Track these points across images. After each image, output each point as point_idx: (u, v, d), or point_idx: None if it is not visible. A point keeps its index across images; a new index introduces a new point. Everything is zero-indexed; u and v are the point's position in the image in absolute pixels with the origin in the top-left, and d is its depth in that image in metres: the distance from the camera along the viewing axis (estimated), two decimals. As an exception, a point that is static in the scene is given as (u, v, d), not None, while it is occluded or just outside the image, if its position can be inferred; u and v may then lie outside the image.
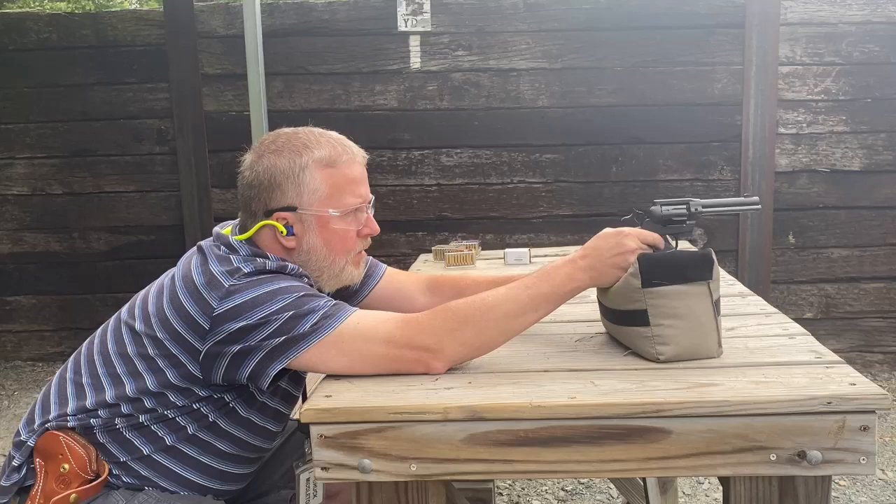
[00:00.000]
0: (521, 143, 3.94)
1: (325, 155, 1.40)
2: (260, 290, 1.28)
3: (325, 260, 1.42)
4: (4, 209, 4.17)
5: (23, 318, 4.26)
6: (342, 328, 1.27)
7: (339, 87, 3.92)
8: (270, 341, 1.26)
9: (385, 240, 3.97)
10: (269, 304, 1.27)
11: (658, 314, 1.24)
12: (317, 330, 1.26)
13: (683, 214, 1.36)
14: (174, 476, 1.39)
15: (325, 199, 1.39)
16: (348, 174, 1.41)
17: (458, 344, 1.27)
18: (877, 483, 2.78)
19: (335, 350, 1.27)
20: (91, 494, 1.35)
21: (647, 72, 3.86)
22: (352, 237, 1.43)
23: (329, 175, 1.40)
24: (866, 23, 3.79)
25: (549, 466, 1.12)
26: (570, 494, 2.78)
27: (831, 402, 1.06)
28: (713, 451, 1.08)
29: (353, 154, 1.44)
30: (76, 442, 1.35)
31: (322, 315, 1.27)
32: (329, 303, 1.30)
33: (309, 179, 1.39)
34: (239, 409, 1.40)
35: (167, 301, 1.34)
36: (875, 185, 3.88)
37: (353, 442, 1.13)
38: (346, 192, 1.41)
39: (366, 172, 1.47)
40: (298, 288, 1.31)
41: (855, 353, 3.94)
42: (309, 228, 1.40)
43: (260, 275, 1.31)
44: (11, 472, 1.39)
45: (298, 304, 1.28)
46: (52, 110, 4.08)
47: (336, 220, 1.40)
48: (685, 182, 3.92)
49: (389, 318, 1.31)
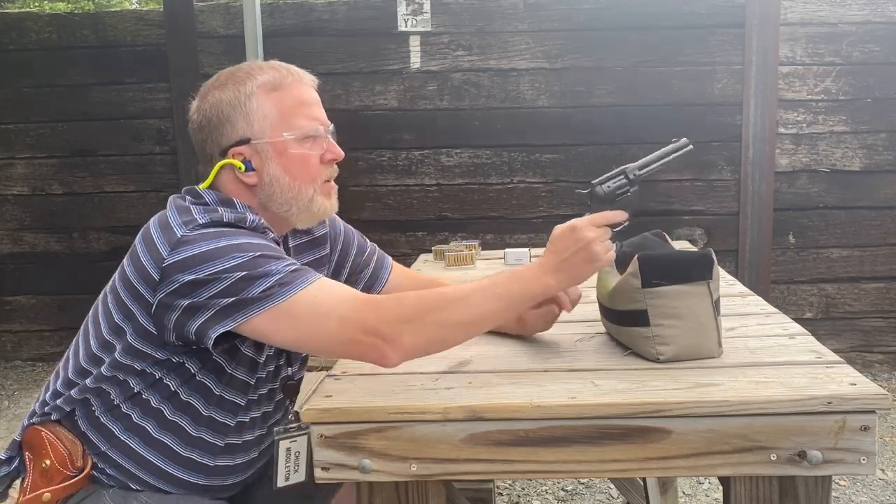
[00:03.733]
0: (521, 143, 3.94)
1: (269, 79, 1.35)
2: (213, 243, 1.21)
3: (290, 190, 1.34)
4: (4, 209, 4.17)
5: (23, 318, 4.26)
6: (297, 298, 1.19)
7: (339, 87, 3.92)
8: (218, 301, 1.19)
9: (385, 240, 3.97)
10: (221, 261, 1.19)
11: (658, 314, 1.24)
12: (269, 296, 1.18)
13: (625, 185, 1.35)
14: (150, 466, 1.33)
15: (277, 125, 1.33)
16: (297, 96, 1.36)
17: (416, 335, 1.18)
18: (877, 483, 2.78)
19: (286, 321, 1.19)
20: (68, 492, 1.31)
21: (647, 72, 3.86)
22: (314, 163, 1.36)
23: (277, 99, 1.34)
24: (866, 23, 3.79)
25: (549, 466, 1.12)
26: (570, 494, 2.78)
27: (831, 402, 1.06)
28: (713, 451, 1.08)
29: (300, 76, 1.38)
30: (59, 437, 1.32)
31: (277, 280, 1.19)
32: (288, 267, 1.21)
33: (257, 107, 1.33)
34: (204, 379, 1.32)
35: (127, 256, 1.29)
36: (875, 185, 3.88)
37: (353, 442, 1.13)
38: (298, 114, 1.35)
39: (318, 97, 1.40)
40: (256, 246, 1.22)
41: (855, 353, 3.94)
42: (267, 159, 1.33)
43: (216, 227, 1.24)
44: (0, 464, 1.38)
45: (252, 265, 1.19)
46: (52, 110, 4.08)
47: (293, 145, 1.34)
48: (685, 182, 3.92)
49: (350, 297, 1.22)
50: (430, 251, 2.51)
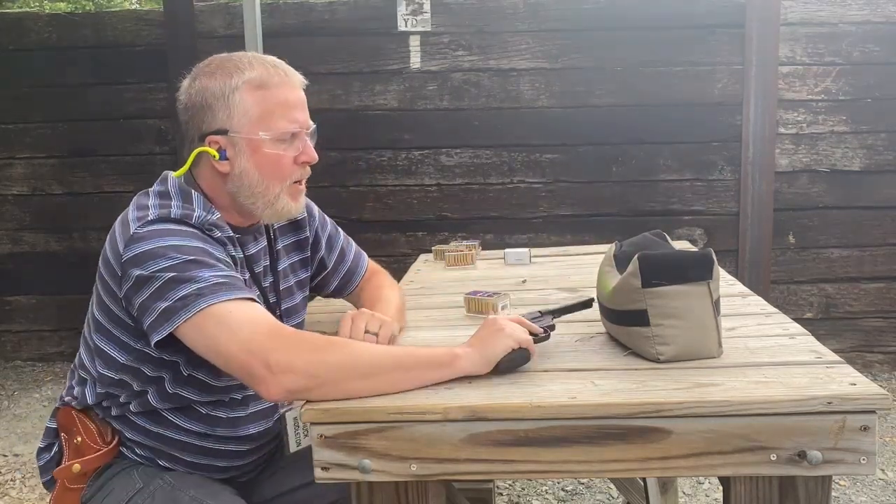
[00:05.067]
0: (521, 143, 3.94)
1: (255, 76, 1.38)
2: (157, 242, 1.26)
3: (258, 185, 1.38)
4: (4, 209, 4.17)
5: (23, 318, 4.26)
6: (211, 311, 1.21)
7: (339, 87, 3.92)
8: (156, 305, 1.24)
9: (385, 240, 3.97)
10: (161, 260, 1.24)
11: (658, 314, 1.24)
12: (186, 306, 1.22)
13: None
14: (169, 453, 1.42)
15: (255, 122, 1.37)
16: (280, 96, 1.38)
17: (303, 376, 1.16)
18: (877, 483, 2.79)
19: (200, 331, 1.22)
20: (97, 464, 1.39)
21: (647, 72, 3.86)
22: (286, 163, 1.39)
23: (260, 97, 1.37)
24: (866, 23, 3.79)
25: (549, 466, 1.12)
26: (570, 494, 2.78)
27: (832, 402, 1.05)
28: (713, 452, 1.08)
29: (287, 76, 1.41)
30: (89, 417, 1.42)
31: (197, 289, 1.22)
32: (214, 276, 1.24)
33: (239, 101, 1.36)
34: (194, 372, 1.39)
35: (101, 254, 1.36)
36: (875, 185, 3.88)
37: (353, 442, 1.13)
38: (278, 115, 1.37)
39: (303, 98, 1.43)
40: (192, 250, 1.26)
41: (855, 353, 3.93)
42: (241, 152, 1.37)
43: (163, 223, 1.29)
44: (41, 452, 1.49)
45: (182, 269, 1.24)
46: (52, 110, 4.08)
47: (267, 144, 1.37)
48: (685, 182, 3.92)
49: (262, 322, 1.22)
50: (430, 251, 2.51)
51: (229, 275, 1.27)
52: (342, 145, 3.93)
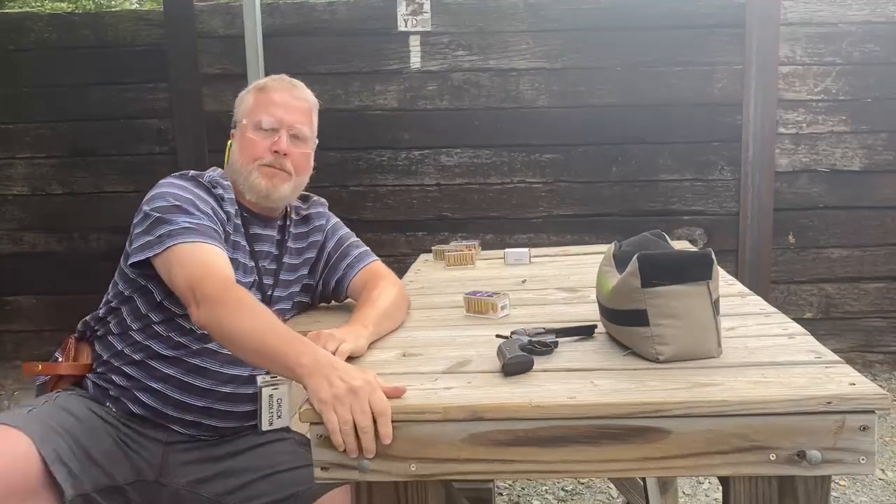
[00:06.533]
0: (521, 143, 3.94)
1: (263, 84, 1.73)
2: (162, 188, 1.56)
3: (237, 162, 1.67)
4: (4, 209, 4.17)
5: (23, 318, 4.26)
6: (176, 249, 1.46)
7: (339, 87, 3.92)
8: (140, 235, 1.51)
9: (385, 240, 3.97)
10: (156, 200, 1.53)
11: (657, 314, 1.24)
12: (161, 241, 1.48)
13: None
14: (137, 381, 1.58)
15: (246, 113, 1.68)
16: (271, 97, 1.68)
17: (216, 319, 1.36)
18: (877, 483, 2.79)
19: (167, 266, 1.47)
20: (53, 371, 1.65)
21: (647, 72, 3.86)
22: (261, 146, 1.64)
23: (257, 97, 1.70)
24: (866, 23, 3.79)
25: (548, 466, 1.12)
26: (570, 494, 2.78)
27: (831, 401, 1.05)
28: (712, 451, 1.08)
29: (289, 87, 1.71)
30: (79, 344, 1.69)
31: (167, 231, 1.48)
32: (187, 222, 1.49)
33: (244, 100, 1.72)
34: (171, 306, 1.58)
35: None
36: (875, 185, 3.88)
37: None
38: (263, 110, 1.66)
39: (297, 105, 1.69)
40: (182, 198, 1.53)
41: (855, 353, 3.94)
42: (236, 137, 1.70)
43: (177, 178, 1.60)
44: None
45: (166, 210, 1.51)
46: (52, 110, 4.08)
47: (247, 129, 1.66)
48: (685, 182, 3.92)
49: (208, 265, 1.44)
50: (430, 251, 2.51)
51: (201, 223, 1.51)
52: (342, 145, 3.93)
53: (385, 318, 1.56)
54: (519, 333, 1.38)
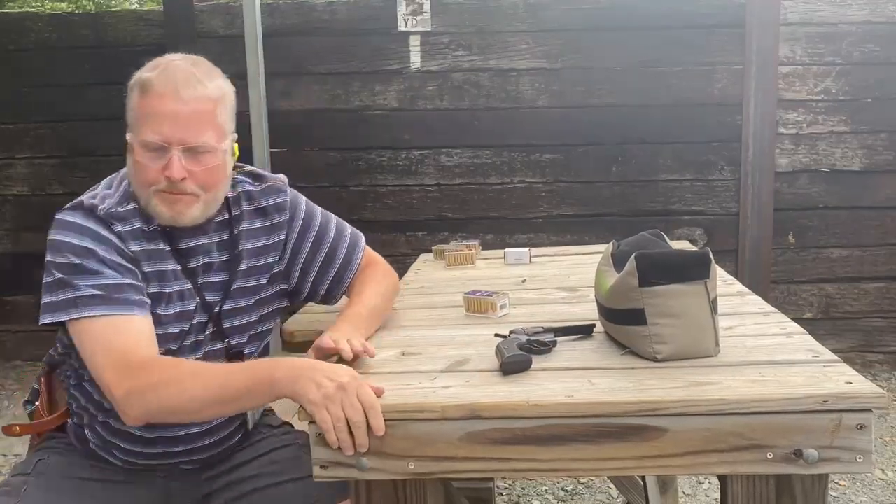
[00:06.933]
0: (521, 143, 3.94)
1: (145, 79, 1.38)
2: (58, 234, 1.35)
3: (133, 185, 1.42)
4: (4, 209, 4.18)
5: (23, 318, 4.26)
6: (81, 323, 1.31)
7: (339, 87, 3.92)
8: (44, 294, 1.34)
9: (385, 240, 3.97)
10: (55, 255, 1.34)
11: (655, 313, 1.24)
12: (66, 307, 1.31)
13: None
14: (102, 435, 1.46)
15: (132, 125, 1.39)
16: (154, 107, 1.34)
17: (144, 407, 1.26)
18: (877, 483, 2.79)
19: (77, 338, 1.33)
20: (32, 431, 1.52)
21: (647, 72, 3.86)
22: (151, 171, 1.35)
23: (140, 103, 1.37)
24: (866, 23, 3.79)
25: (546, 465, 1.12)
26: (570, 494, 2.78)
27: (828, 400, 1.06)
28: (710, 450, 1.08)
29: (170, 89, 1.35)
30: (55, 385, 1.53)
31: (71, 298, 1.31)
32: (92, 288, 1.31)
33: (129, 100, 1.40)
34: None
35: None
36: (875, 185, 3.88)
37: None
38: (147, 124, 1.35)
39: (185, 111, 1.34)
40: (82, 251, 1.32)
41: (855, 353, 3.93)
42: (129, 151, 1.41)
43: (72, 213, 1.37)
44: (26, 404, 1.62)
45: (67, 271, 1.32)
46: (52, 110, 4.08)
47: (135, 148, 1.37)
48: (685, 182, 3.92)
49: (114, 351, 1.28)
50: (430, 251, 2.51)
51: (107, 284, 1.32)
52: (342, 145, 3.93)
53: (373, 316, 1.53)
54: (517, 333, 1.38)
